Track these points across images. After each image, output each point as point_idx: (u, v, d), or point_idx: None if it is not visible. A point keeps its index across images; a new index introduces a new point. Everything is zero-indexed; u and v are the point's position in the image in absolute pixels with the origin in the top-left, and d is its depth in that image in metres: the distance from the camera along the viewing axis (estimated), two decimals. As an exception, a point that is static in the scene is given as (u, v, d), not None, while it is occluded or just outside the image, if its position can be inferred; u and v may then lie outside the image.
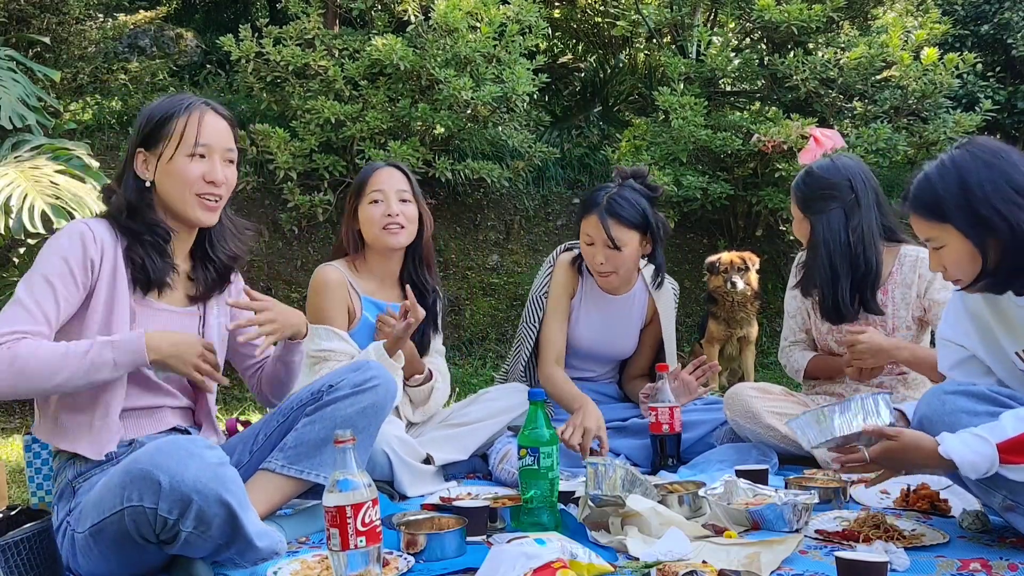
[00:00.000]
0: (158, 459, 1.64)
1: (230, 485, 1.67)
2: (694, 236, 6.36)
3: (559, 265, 2.92)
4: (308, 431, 2.03)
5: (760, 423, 2.57)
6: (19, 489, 3.01)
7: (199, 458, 1.65)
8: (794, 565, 1.77)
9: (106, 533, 1.70)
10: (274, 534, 1.80)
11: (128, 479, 1.65)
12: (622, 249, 2.73)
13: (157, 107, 2.00)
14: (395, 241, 2.62)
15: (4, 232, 3.75)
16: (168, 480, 1.61)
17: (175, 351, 1.88)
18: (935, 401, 1.87)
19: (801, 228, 2.67)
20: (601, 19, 7.77)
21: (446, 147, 5.72)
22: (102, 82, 6.41)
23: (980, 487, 1.83)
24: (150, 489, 1.62)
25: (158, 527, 1.65)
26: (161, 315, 1.99)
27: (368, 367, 2.12)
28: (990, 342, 1.96)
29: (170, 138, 1.95)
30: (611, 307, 2.93)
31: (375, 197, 2.62)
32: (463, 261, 5.75)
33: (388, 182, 2.63)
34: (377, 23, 5.93)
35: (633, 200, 2.74)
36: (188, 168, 1.95)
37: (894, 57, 5.43)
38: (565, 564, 1.63)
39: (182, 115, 1.96)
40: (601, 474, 2.04)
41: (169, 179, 1.96)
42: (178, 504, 1.62)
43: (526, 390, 2.75)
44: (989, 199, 1.79)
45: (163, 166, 1.96)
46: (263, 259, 5.53)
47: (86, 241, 1.87)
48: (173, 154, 1.95)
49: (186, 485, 1.61)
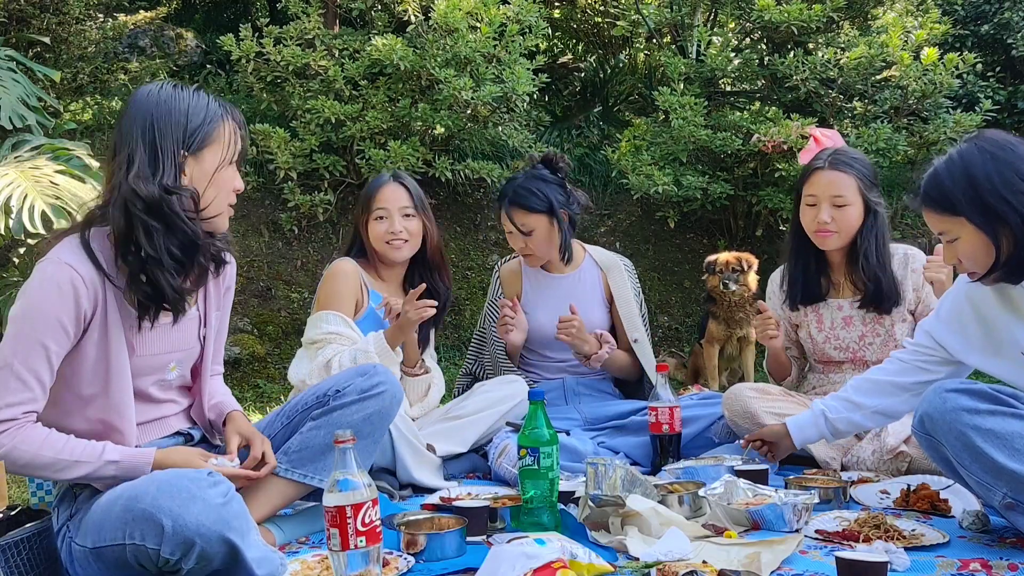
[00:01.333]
0: (161, 501, 1.60)
1: (233, 523, 1.62)
2: (694, 236, 6.36)
3: (502, 273, 3.14)
4: (313, 436, 2.03)
5: (758, 423, 2.57)
6: (19, 489, 3.01)
7: (202, 501, 1.61)
8: (794, 565, 1.77)
9: (106, 557, 1.69)
10: (274, 558, 1.74)
11: (130, 517, 1.62)
12: (531, 234, 2.93)
13: (197, 110, 1.85)
14: (398, 256, 2.78)
15: (4, 232, 3.75)
16: (171, 524, 1.58)
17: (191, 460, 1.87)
18: (936, 399, 1.88)
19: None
20: (601, 19, 7.77)
21: (446, 147, 5.72)
22: (102, 82, 6.41)
23: (980, 485, 1.83)
24: (152, 531, 1.60)
25: (160, 563, 1.63)
26: (158, 331, 1.89)
27: (375, 372, 2.12)
28: (993, 339, 1.97)
29: (215, 144, 1.86)
30: (561, 285, 3.06)
31: (380, 214, 2.77)
32: (463, 261, 5.75)
33: (392, 199, 2.77)
34: (377, 23, 5.94)
35: (535, 188, 2.94)
36: (233, 178, 1.90)
37: (894, 57, 5.42)
38: (565, 564, 1.63)
39: (224, 120, 1.87)
40: (601, 474, 2.04)
41: (213, 188, 1.86)
42: (180, 547, 1.59)
43: (519, 380, 2.80)
44: (998, 190, 1.82)
45: (208, 174, 1.85)
46: (263, 259, 5.53)
47: (79, 294, 1.74)
48: (220, 162, 1.86)
49: (189, 529, 1.58)
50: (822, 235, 2.68)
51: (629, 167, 5.51)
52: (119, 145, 1.82)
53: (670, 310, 6.12)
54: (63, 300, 1.73)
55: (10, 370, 1.72)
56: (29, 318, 1.73)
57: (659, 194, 5.37)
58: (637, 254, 6.34)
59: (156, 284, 1.79)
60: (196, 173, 1.84)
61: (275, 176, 5.50)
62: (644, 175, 5.38)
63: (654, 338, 5.94)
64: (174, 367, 1.95)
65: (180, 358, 1.96)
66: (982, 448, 1.79)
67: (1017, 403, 1.83)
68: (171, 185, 1.79)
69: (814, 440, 2.41)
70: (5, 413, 1.72)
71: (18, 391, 1.73)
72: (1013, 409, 1.82)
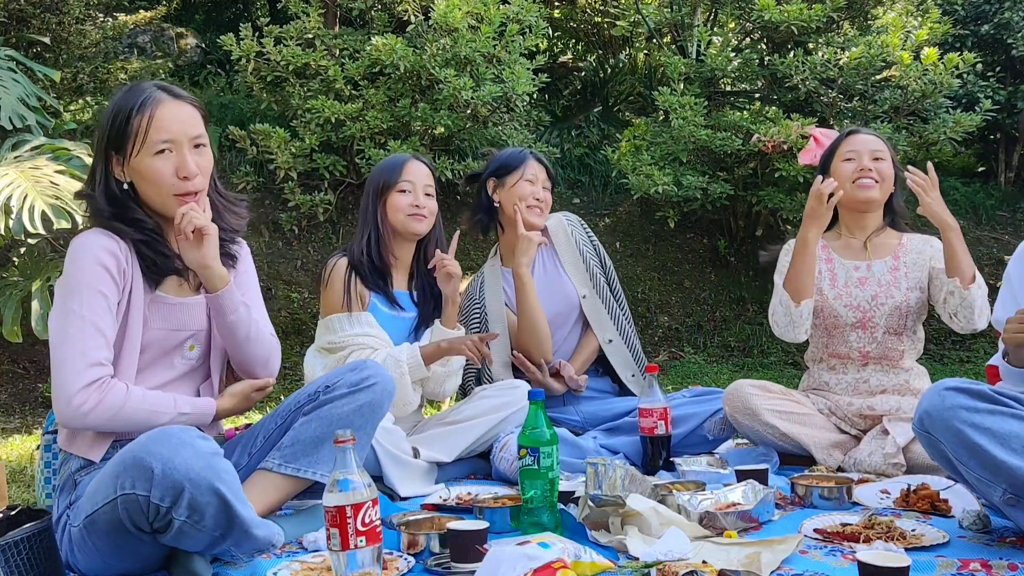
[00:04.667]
0: (151, 447, 1.64)
1: (223, 475, 1.66)
2: (694, 236, 6.37)
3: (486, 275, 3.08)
4: (305, 430, 2.03)
5: (759, 420, 2.57)
6: (19, 489, 3.01)
7: (191, 447, 1.65)
8: (794, 565, 1.77)
9: (99, 523, 1.70)
10: (272, 524, 1.78)
11: (121, 467, 1.66)
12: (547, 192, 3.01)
13: (115, 105, 1.90)
14: (419, 228, 2.75)
15: (4, 232, 3.76)
16: (160, 467, 1.61)
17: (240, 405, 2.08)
18: (935, 398, 1.88)
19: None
20: (601, 19, 7.77)
21: (446, 147, 5.72)
22: (102, 82, 6.41)
23: (981, 482, 1.83)
24: (142, 476, 1.62)
25: (151, 515, 1.65)
26: (171, 309, 1.97)
27: (365, 366, 2.12)
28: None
29: (134, 137, 1.87)
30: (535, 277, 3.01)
31: (405, 187, 2.76)
32: (463, 261, 5.73)
33: (417, 175, 2.79)
34: (377, 23, 5.94)
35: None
36: (157, 167, 1.88)
37: (894, 57, 5.43)
38: (565, 564, 1.63)
39: (139, 111, 1.87)
40: (601, 474, 2.04)
41: (143, 181, 1.90)
42: (170, 491, 1.62)
43: (519, 387, 2.75)
44: None
45: (134, 168, 1.89)
46: (263, 259, 5.54)
47: (116, 253, 1.86)
48: (139, 155, 1.88)
49: (178, 472, 1.62)
50: (864, 182, 2.71)
51: (629, 167, 5.52)
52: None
53: (670, 310, 6.12)
54: (106, 254, 1.85)
55: (85, 321, 1.81)
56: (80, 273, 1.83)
57: (659, 194, 5.37)
58: (637, 254, 6.35)
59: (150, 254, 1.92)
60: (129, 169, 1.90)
61: (275, 176, 5.50)
62: (644, 175, 5.38)
63: (654, 338, 5.97)
64: (192, 346, 2.02)
65: (198, 338, 2.03)
66: (980, 445, 1.79)
67: (1017, 405, 1.83)
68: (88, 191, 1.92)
69: None
70: (96, 372, 1.81)
71: (101, 346, 1.81)
72: (1012, 410, 1.82)
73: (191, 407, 1.94)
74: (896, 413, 2.60)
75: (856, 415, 2.67)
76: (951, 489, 2.14)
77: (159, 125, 1.88)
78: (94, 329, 1.81)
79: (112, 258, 1.85)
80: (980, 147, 7.83)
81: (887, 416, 2.60)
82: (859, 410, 2.67)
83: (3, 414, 4.46)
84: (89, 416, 1.80)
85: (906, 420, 2.50)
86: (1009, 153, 7.60)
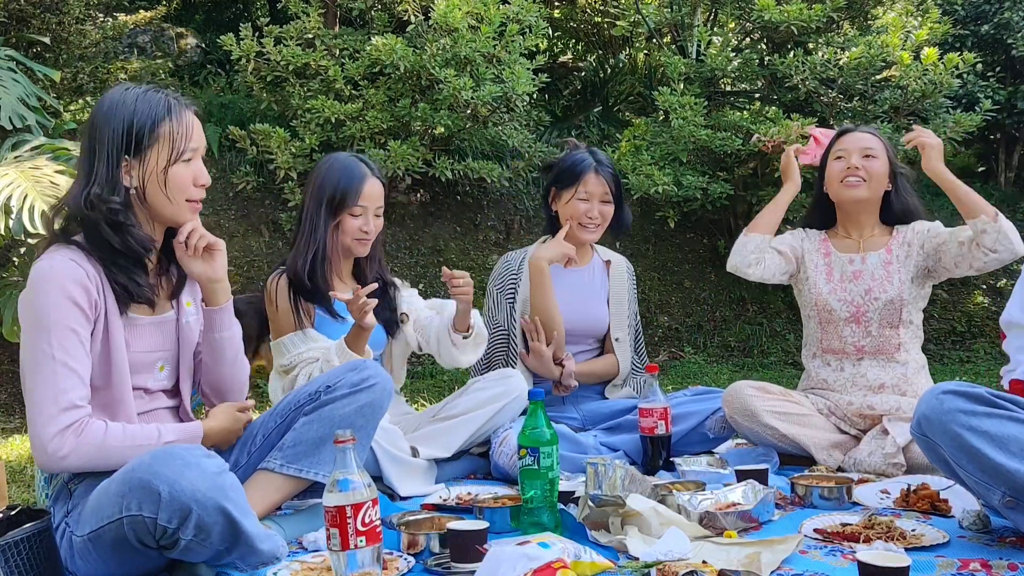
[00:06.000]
0: (156, 468, 1.63)
1: (229, 493, 1.65)
2: (694, 236, 6.37)
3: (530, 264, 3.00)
4: (306, 430, 2.04)
5: (758, 422, 2.58)
6: (19, 489, 3.01)
7: (197, 467, 1.64)
8: (794, 565, 1.77)
9: (104, 539, 1.70)
10: (276, 537, 1.78)
11: (127, 488, 1.64)
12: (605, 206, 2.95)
13: (137, 110, 1.85)
14: (361, 251, 2.71)
15: (4, 232, 3.76)
16: (168, 490, 1.60)
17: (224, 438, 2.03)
18: (933, 401, 1.88)
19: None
20: (601, 19, 7.78)
21: (446, 147, 5.72)
22: (102, 82, 6.41)
23: (980, 485, 1.83)
24: (149, 499, 1.61)
25: (158, 535, 1.64)
26: (143, 329, 1.93)
27: (365, 367, 2.13)
28: None
29: (160, 144, 1.85)
30: (573, 280, 3.02)
31: (358, 211, 2.67)
32: (463, 261, 5.75)
33: (371, 197, 2.68)
34: (377, 23, 5.94)
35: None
36: (183, 175, 1.88)
37: (894, 57, 5.43)
38: (565, 564, 1.63)
39: (168, 118, 1.86)
40: (601, 474, 2.04)
41: (162, 187, 1.87)
42: (177, 514, 1.61)
43: (515, 375, 2.75)
44: None
45: (155, 174, 1.86)
46: (263, 259, 5.54)
47: (85, 280, 1.78)
48: (168, 161, 1.86)
49: (185, 495, 1.60)
50: (851, 180, 2.72)
51: (629, 167, 5.52)
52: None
53: (670, 310, 6.12)
54: (74, 285, 1.77)
55: (56, 362, 1.75)
56: (48, 308, 1.75)
57: (659, 194, 5.37)
58: (637, 254, 6.34)
59: (123, 281, 1.85)
60: (142, 175, 1.86)
61: (275, 176, 5.50)
62: (644, 175, 5.38)
63: (654, 338, 5.97)
64: (162, 367, 1.99)
65: (166, 357, 2.00)
66: (978, 448, 1.79)
67: (1016, 408, 1.83)
68: (95, 195, 1.82)
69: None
70: (71, 416, 1.76)
71: (75, 386, 1.76)
72: (1011, 413, 1.82)
73: (177, 434, 1.87)
74: (896, 413, 2.60)
75: (856, 415, 2.67)
76: (951, 489, 2.14)
77: (189, 132, 1.89)
78: (66, 369, 1.75)
79: (80, 289, 1.78)
80: (980, 147, 7.84)
81: (887, 416, 2.60)
82: (859, 410, 2.67)
83: (3, 414, 4.46)
84: (66, 461, 1.76)
85: (906, 420, 2.49)
86: (1009, 153, 7.61)
